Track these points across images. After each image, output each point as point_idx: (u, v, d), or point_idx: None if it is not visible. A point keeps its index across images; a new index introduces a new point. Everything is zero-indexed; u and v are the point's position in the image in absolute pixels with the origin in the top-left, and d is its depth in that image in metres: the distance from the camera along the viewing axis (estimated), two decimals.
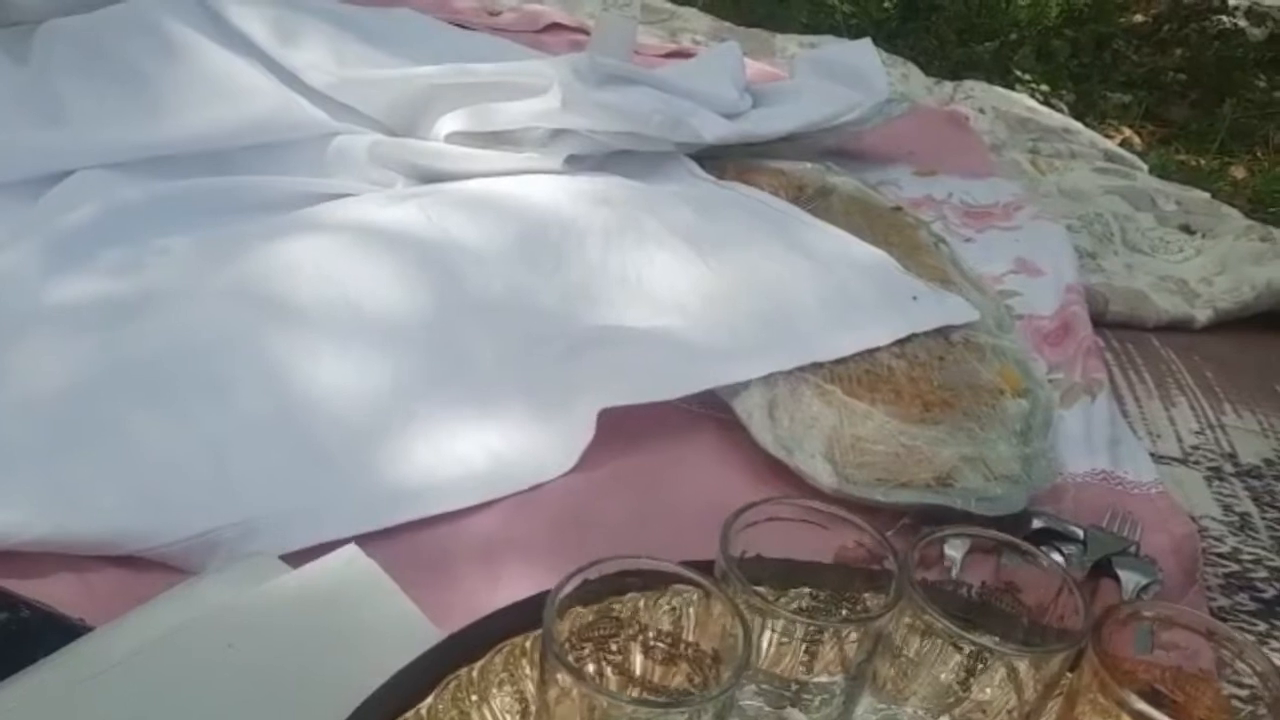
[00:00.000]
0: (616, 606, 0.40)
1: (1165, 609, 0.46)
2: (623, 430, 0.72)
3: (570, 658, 0.38)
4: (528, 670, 0.45)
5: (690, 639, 0.41)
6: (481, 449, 0.70)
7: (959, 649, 0.41)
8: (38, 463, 0.61)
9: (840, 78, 1.24)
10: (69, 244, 0.77)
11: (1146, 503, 0.76)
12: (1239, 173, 2.11)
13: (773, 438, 0.73)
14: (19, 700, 0.46)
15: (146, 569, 0.59)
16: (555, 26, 1.52)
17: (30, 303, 0.72)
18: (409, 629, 0.50)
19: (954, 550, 0.66)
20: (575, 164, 1.00)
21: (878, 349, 0.82)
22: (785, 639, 0.41)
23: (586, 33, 1.49)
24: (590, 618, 0.39)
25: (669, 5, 1.79)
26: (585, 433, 0.71)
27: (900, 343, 0.83)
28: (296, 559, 0.59)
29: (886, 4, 2.50)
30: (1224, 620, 0.69)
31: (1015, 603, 0.44)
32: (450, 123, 0.97)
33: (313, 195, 0.89)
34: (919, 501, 0.70)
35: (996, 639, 0.41)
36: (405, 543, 0.63)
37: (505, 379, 0.75)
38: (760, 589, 0.42)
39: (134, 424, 0.65)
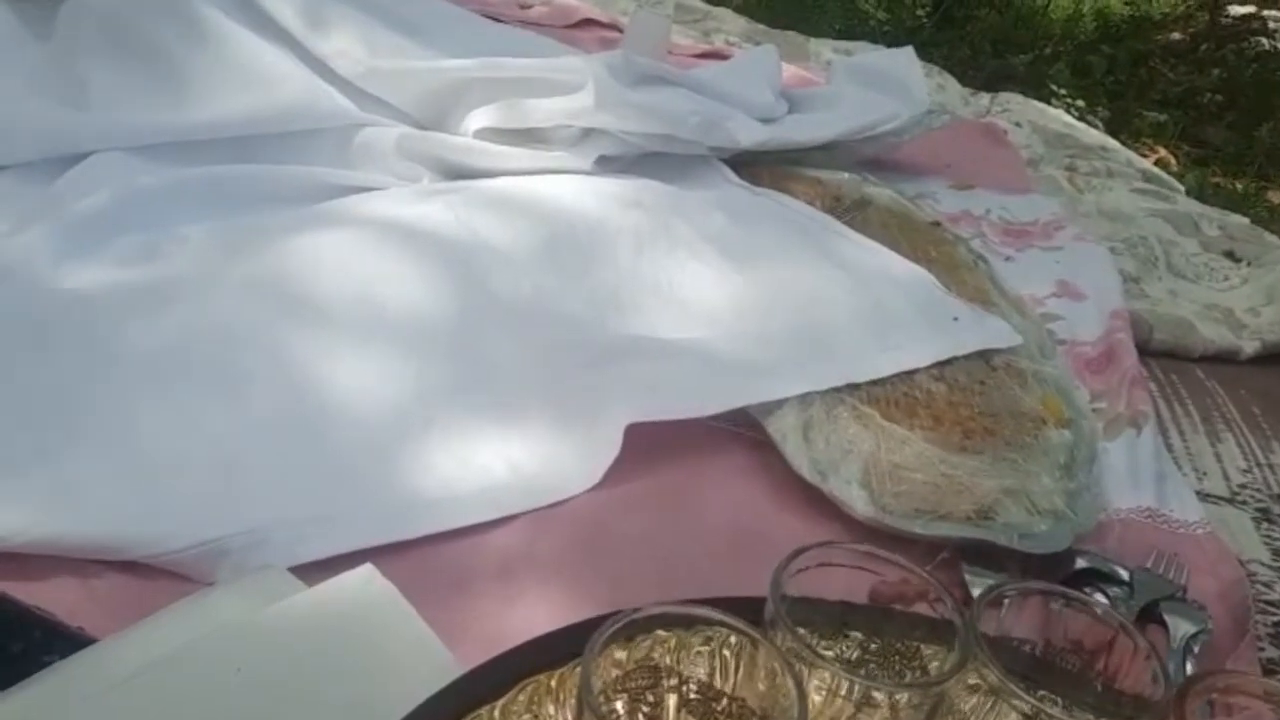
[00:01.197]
0: (656, 653, 0.37)
1: (1235, 678, 0.43)
2: (648, 445, 0.69)
3: (604, 709, 0.35)
4: (551, 710, 0.42)
5: (731, 690, 0.38)
6: (503, 461, 0.67)
7: (1020, 711, 0.38)
8: (42, 460, 0.58)
9: (879, 86, 1.21)
10: (84, 229, 0.74)
11: (1193, 544, 0.72)
12: (1276, 197, 2.07)
13: (808, 461, 0.70)
14: (19, 712, 0.43)
15: (151, 575, 0.56)
16: (587, 22, 1.50)
17: (42, 290, 0.69)
18: (425, 658, 0.47)
19: (978, 586, 0.63)
20: (605, 165, 0.97)
21: (916, 371, 0.79)
22: (835, 695, 0.38)
23: (619, 29, 1.46)
24: (630, 666, 0.36)
25: (703, 5, 1.76)
26: (611, 448, 0.68)
27: (940, 365, 0.80)
28: (307, 570, 0.57)
29: (920, 12, 2.46)
30: (1273, 674, 0.65)
31: (1081, 663, 0.41)
32: (480, 118, 0.95)
33: (337, 187, 0.86)
34: (959, 535, 0.67)
35: (1065, 703, 0.38)
36: (420, 557, 0.61)
37: (529, 388, 0.72)
38: (808, 636, 0.39)
39: (143, 421, 0.62)
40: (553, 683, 0.43)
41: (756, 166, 1.07)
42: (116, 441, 0.60)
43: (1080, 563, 0.67)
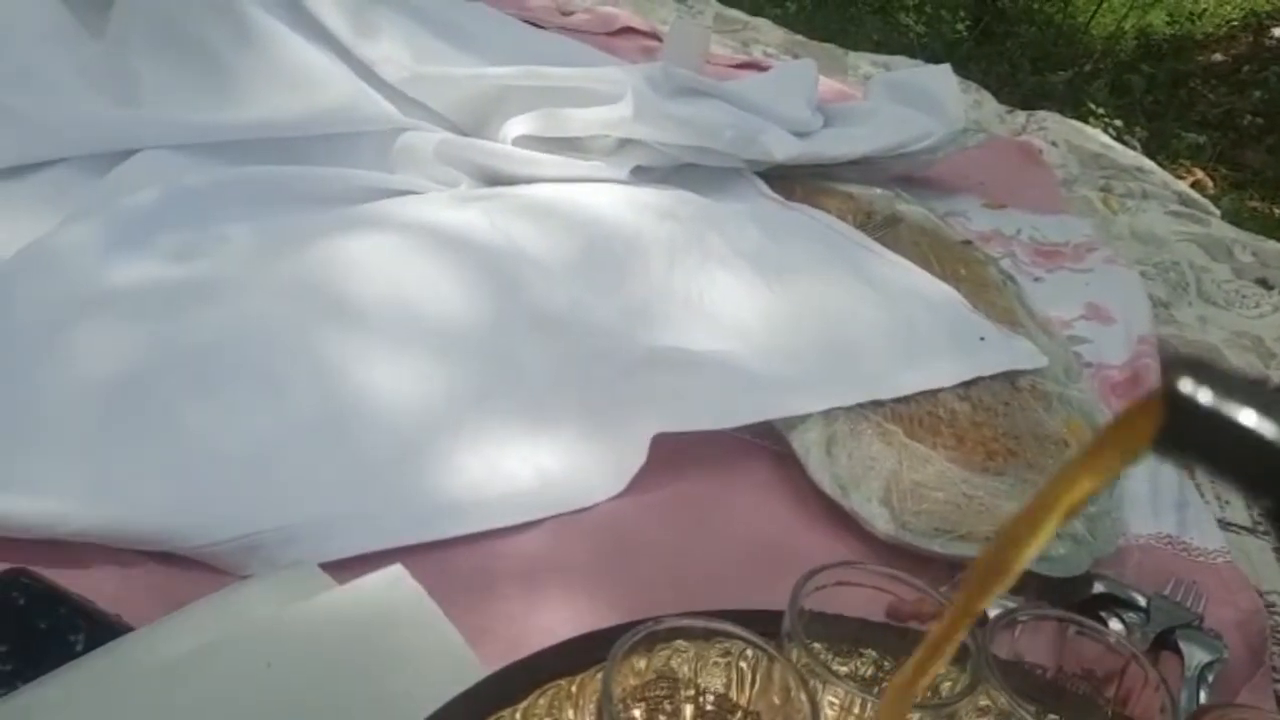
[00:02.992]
0: (674, 663, 0.38)
1: (1245, 711, 0.43)
2: (673, 455, 0.71)
3: (623, 717, 0.36)
4: (571, 715, 0.44)
5: (747, 703, 0.39)
6: (531, 466, 0.68)
7: None
8: (86, 451, 0.60)
9: (915, 103, 1.22)
10: (131, 225, 0.76)
11: (1212, 573, 0.73)
12: None
13: (830, 476, 0.71)
14: (57, 698, 0.45)
15: (186, 566, 0.58)
16: (627, 30, 1.51)
17: (90, 283, 0.71)
18: (451, 658, 0.49)
19: (996, 607, 0.64)
20: (641, 175, 0.99)
21: (941, 390, 0.80)
22: (848, 712, 0.39)
23: (659, 38, 1.47)
24: (649, 676, 0.37)
25: (742, 15, 1.77)
26: (637, 457, 0.69)
27: (965, 385, 0.81)
28: (336, 567, 0.58)
29: (960, 26, 2.46)
30: None
31: (1091, 689, 0.42)
32: (519, 125, 0.96)
33: (376, 190, 0.88)
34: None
35: None
36: (445, 558, 0.62)
37: (560, 395, 0.73)
38: (824, 652, 0.40)
39: (184, 416, 0.64)
40: (573, 688, 0.44)
41: (790, 180, 1.08)
42: (158, 435, 0.62)
43: (1098, 587, 0.68)
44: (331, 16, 0.96)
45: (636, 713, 0.38)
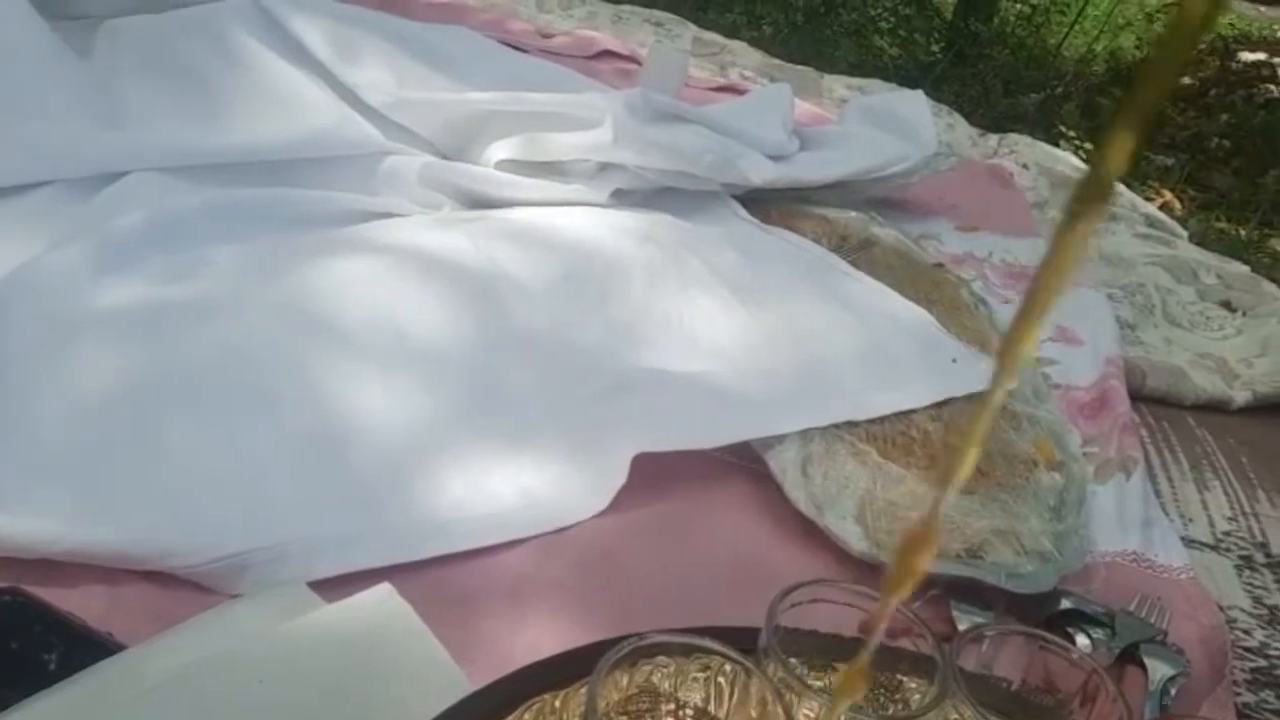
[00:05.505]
0: (655, 678, 0.39)
1: None
2: (653, 475, 0.72)
3: None
4: None
5: (725, 717, 0.41)
6: (514, 486, 0.69)
7: None
8: (77, 472, 0.61)
9: (889, 127, 1.24)
10: (119, 248, 0.77)
11: (1176, 589, 0.75)
12: (1279, 245, 2.10)
13: (805, 495, 0.73)
14: (48, 717, 0.46)
15: (176, 586, 0.59)
16: (607, 54, 1.53)
17: (79, 306, 0.72)
18: (439, 675, 0.50)
19: (965, 622, 0.66)
20: (621, 198, 1.01)
21: (914, 411, 0.82)
22: None
23: (638, 62, 1.50)
24: (631, 690, 0.38)
25: (720, 39, 1.79)
26: (618, 476, 0.71)
27: (937, 406, 0.83)
28: (325, 586, 0.59)
29: (934, 49, 2.50)
30: (1249, 719, 0.68)
31: (1054, 701, 0.44)
32: (501, 150, 0.98)
33: (361, 213, 0.90)
34: (949, 573, 0.69)
35: None
36: (433, 577, 0.63)
37: (543, 416, 0.75)
38: (799, 666, 0.42)
39: (173, 436, 0.65)
40: (557, 703, 0.45)
41: (766, 203, 1.10)
42: (148, 456, 0.63)
43: (1065, 603, 0.70)
44: (316, 41, 0.97)
45: None
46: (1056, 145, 1.89)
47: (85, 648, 0.52)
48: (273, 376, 0.70)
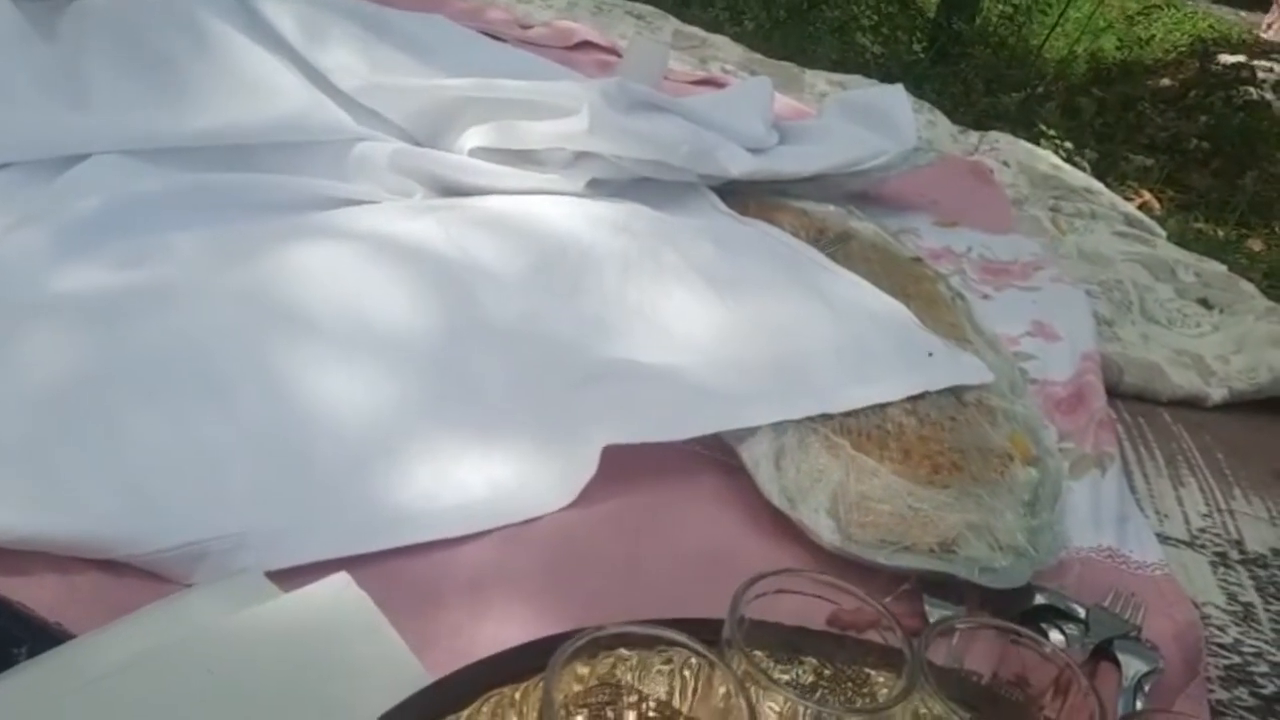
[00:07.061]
0: (618, 670, 0.38)
1: (1175, 718, 0.44)
2: (623, 467, 0.71)
3: None
4: None
5: (688, 710, 0.39)
6: (482, 477, 0.68)
7: None
8: (30, 459, 0.59)
9: (869, 122, 1.23)
10: (78, 231, 0.75)
11: (1150, 585, 0.74)
12: (1256, 245, 2.11)
13: (778, 488, 0.72)
14: None
15: (130, 575, 0.57)
16: (586, 45, 1.52)
17: (36, 290, 0.70)
18: (396, 667, 0.49)
19: (935, 615, 0.65)
20: (596, 188, 0.99)
21: (889, 404, 0.81)
22: (786, 719, 0.39)
23: (617, 53, 1.48)
24: (592, 683, 0.37)
25: (700, 33, 1.78)
26: (587, 468, 0.70)
27: (912, 400, 0.82)
28: (283, 576, 0.58)
29: (917, 47, 2.50)
30: (1222, 715, 0.67)
31: (1026, 696, 0.43)
32: (475, 137, 0.96)
33: (329, 199, 0.88)
34: (922, 567, 0.68)
35: None
36: (394, 568, 0.62)
37: (512, 406, 0.73)
38: (764, 659, 0.41)
39: (130, 424, 0.63)
40: (516, 695, 0.44)
41: (744, 195, 1.09)
42: (104, 442, 0.61)
43: (1039, 599, 0.69)
44: (287, 25, 0.96)
45: (579, 719, 0.38)
46: (1037, 144, 1.88)
47: (34, 638, 0.50)
48: (233, 364, 0.69)
